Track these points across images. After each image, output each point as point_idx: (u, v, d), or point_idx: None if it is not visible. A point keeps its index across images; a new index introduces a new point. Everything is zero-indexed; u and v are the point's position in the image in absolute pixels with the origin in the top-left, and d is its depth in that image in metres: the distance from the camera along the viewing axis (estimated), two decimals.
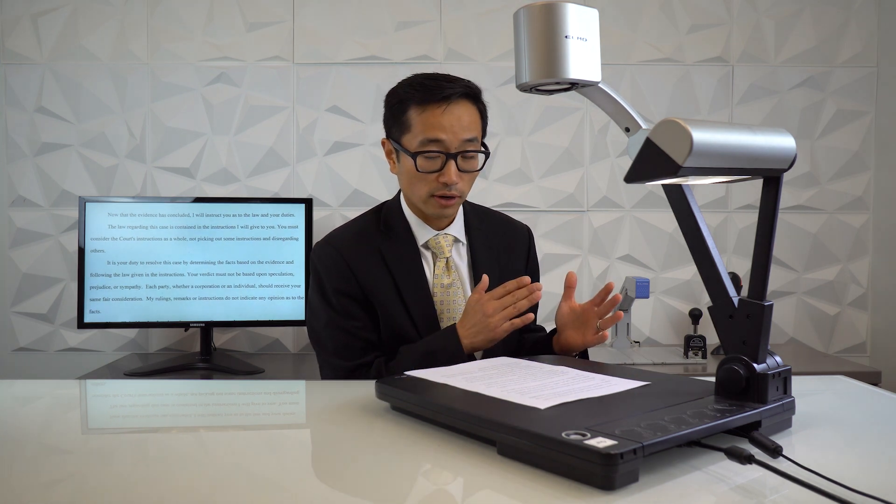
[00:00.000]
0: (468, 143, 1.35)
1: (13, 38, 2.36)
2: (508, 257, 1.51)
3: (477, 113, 1.39)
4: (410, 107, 1.36)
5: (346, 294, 1.39)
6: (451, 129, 1.33)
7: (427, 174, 1.35)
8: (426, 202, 1.39)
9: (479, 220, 1.52)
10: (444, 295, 1.42)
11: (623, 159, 2.42)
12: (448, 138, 1.33)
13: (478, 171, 1.40)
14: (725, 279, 0.84)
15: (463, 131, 1.34)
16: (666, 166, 0.73)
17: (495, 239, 1.51)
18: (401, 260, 1.42)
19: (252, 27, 2.37)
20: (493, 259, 1.48)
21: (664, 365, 2.11)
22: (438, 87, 1.34)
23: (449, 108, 1.34)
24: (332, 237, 1.47)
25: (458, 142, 1.34)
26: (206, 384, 1.46)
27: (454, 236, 1.46)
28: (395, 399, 0.92)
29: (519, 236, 1.56)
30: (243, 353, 2.37)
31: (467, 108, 1.36)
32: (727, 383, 0.83)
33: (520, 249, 1.55)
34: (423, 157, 1.34)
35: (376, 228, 1.46)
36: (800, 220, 2.45)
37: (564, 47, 0.82)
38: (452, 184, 1.34)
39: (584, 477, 0.66)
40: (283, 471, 0.74)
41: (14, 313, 2.38)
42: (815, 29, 2.42)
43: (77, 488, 0.70)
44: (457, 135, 1.34)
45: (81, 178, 2.37)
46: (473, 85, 1.40)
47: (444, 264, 1.43)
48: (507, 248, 1.52)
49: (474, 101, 1.38)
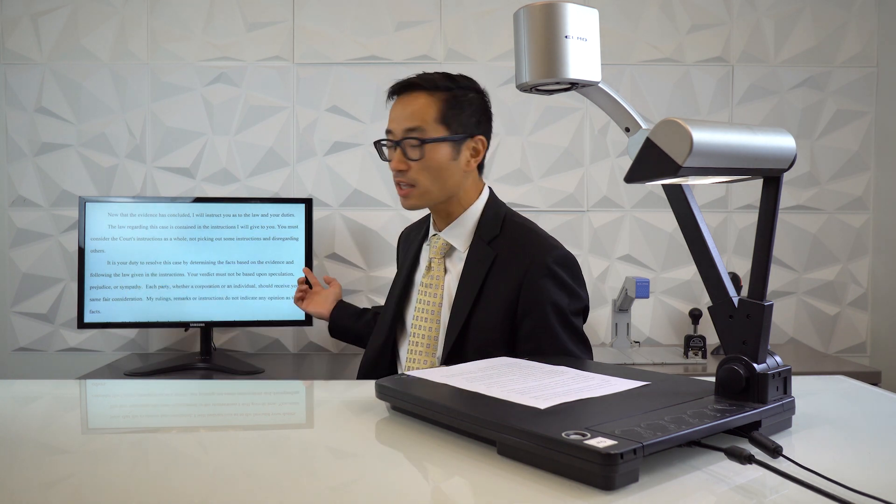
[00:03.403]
0: (409, 131, 1.39)
1: (13, 38, 2.36)
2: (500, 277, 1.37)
3: (432, 103, 1.40)
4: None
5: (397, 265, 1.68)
6: (396, 120, 1.42)
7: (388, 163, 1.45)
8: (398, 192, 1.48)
9: (489, 230, 1.42)
10: (422, 294, 1.47)
11: (623, 159, 2.42)
12: (394, 128, 1.42)
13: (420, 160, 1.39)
14: (725, 279, 0.84)
15: (405, 120, 1.40)
16: (666, 166, 0.73)
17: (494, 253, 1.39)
18: (409, 250, 1.58)
19: (252, 27, 2.37)
20: (478, 274, 1.38)
21: (664, 365, 2.11)
22: (399, 82, 1.44)
23: (399, 98, 1.43)
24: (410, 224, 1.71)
25: (401, 130, 1.40)
26: (206, 384, 1.46)
27: (448, 242, 1.45)
28: (395, 399, 0.92)
29: (522, 257, 1.36)
30: (243, 353, 2.37)
31: (417, 98, 1.41)
32: (727, 383, 0.83)
33: (515, 271, 1.35)
34: (379, 147, 1.46)
35: (427, 220, 1.59)
36: (800, 220, 2.45)
37: (564, 47, 0.82)
38: (396, 170, 1.41)
39: (584, 477, 0.66)
40: (283, 471, 0.74)
41: (14, 313, 2.38)
42: (815, 29, 2.42)
43: (77, 488, 0.70)
44: (399, 124, 1.41)
45: (81, 178, 2.37)
46: (436, 76, 1.42)
47: (428, 265, 1.48)
48: (503, 267, 1.37)
49: (429, 92, 1.41)
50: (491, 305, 1.36)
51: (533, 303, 1.33)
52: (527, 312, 1.34)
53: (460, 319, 1.38)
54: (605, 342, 2.43)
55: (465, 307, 1.38)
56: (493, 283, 1.37)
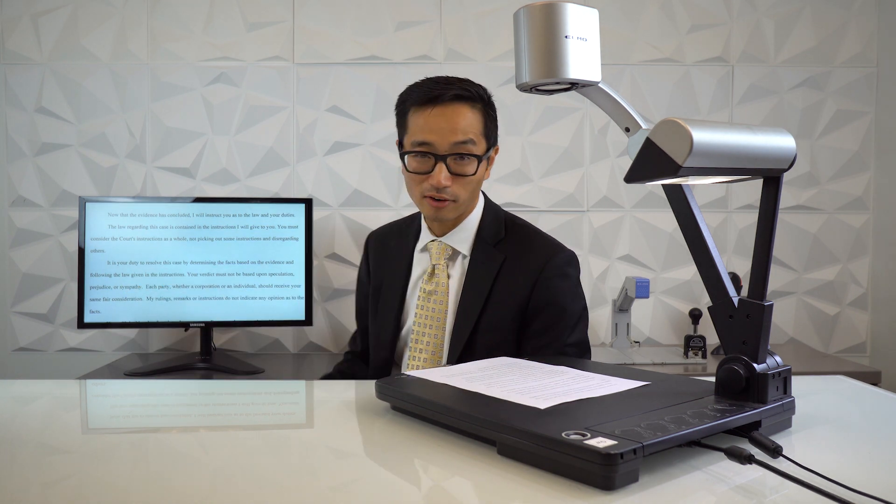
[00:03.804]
0: (460, 145, 1.34)
1: (13, 38, 2.36)
2: (511, 277, 1.40)
3: (476, 116, 1.36)
4: (409, 108, 1.38)
5: (361, 281, 1.62)
6: (439, 131, 1.33)
7: (418, 175, 1.36)
8: (421, 203, 1.41)
9: (493, 232, 1.44)
10: (425, 300, 1.43)
11: (623, 159, 2.42)
12: (436, 140, 1.33)
13: (473, 175, 1.37)
14: (725, 279, 0.84)
15: (453, 134, 1.33)
16: (666, 166, 0.73)
17: (502, 255, 1.41)
18: (396, 258, 1.50)
19: (252, 27, 2.37)
20: (486, 275, 1.40)
21: (664, 365, 2.11)
22: (432, 89, 1.35)
23: (438, 109, 1.34)
24: (377, 230, 1.65)
25: (448, 144, 1.33)
26: (206, 384, 1.46)
27: (452, 247, 1.44)
28: (395, 399, 0.92)
29: (533, 257, 1.41)
30: (243, 353, 2.37)
31: (460, 110, 1.34)
32: (727, 383, 0.83)
33: (528, 271, 1.40)
34: (412, 158, 1.37)
35: (406, 226, 1.54)
36: (800, 220, 2.45)
37: (564, 47, 0.82)
38: (440, 187, 1.34)
39: (584, 477, 0.66)
40: (283, 471, 0.74)
41: (14, 313, 2.38)
42: (815, 29, 2.42)
43: (77, 488, 0.70)
44: (446, 137, 1.33)
45: (81, 178, 2.37)
46: (473, 87, 1.37)
47: (431, 271, 1.44)
48: (513, 267, 1.41)
49: (472, 103, 1.36)
50: (502, 306, 1.39)
51: (546, 302, 1.39)
52: (539, 310, 1.39)
53: (470, 322, 1.38)
54: (605, 342, 2.43)
55: (475, 309, 1.39)
56: (504, 284, 1.40)
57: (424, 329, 1.43)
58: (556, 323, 1.39)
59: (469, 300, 1.40)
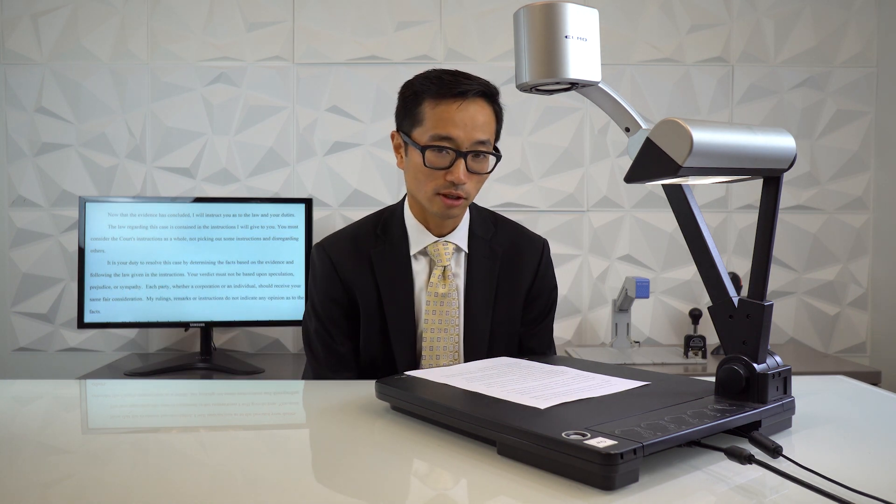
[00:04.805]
0: (480, 143, 1.31)
1: (13, 38, 2.36)
2: (513, 270, 1.44)
3: (492, 114, 1.35)
4: (425, 100, 1.32)
5: (333, 300, 1.39)
6: (463, 127, 1.29)
7: (435, 170, 1.31)
8: (431, 200, 1.34)
9: (485, 228, 1.45)
10: (437, 305, 1.37)
11: (623, 159, 2.42)
12: (460, 136, 1.29)
13: (487, 173, 1.36)
14: (725, 279, 0.84)
15: (476, 131, 1.30)
16: (666, 166, 0.73)
17: (499, 249, 1.44)
18: (388, 267, 1.39)
19: (252, 27, 2.37)
20: (491, 270, 1.41)
21: (664, 365, 2.11)
22: (455, 83, 1.30)
23: (464, 104, 1.30)
24: (327, 240, 1.45)
25: (470, 141, 1.30)
26: (206, 384, 1.46)
27: (455, 244, 1.41)
28: (395, 399, 0.92)
29: (529, 248, 1.47)
30: (243, 353, 2.37)
31: (482, 107, 1.32)
32: (727, 383, 0.83)
33: (528, 262, 1.45)
34: (432, 152, 1.31)
35: (372, 233, 1.43)
36: (800, 220, 2.45)
37: (564, 47, 0.82)
38: (460, 183, 1.30)
39: (584, 477, 0.66)
40: (283, 471, 0.74)
41: (14, 313, 2.38)
42: (815, 29, 2.42)
43: (77, 488, 0.70)
44: (469, 133, 1.30)
45: (81, 178, 2.37)
46: (492, 86, 1.35)
47: (441, 273, 1.38)
48: (512, 260, 1.44)
49: (490, 101, 1.34)
50: (513, 298, 1.43)
51: (542, 288, 1.48)
52: (537, 296, 1.47)
53: (486, 318, 1.39)
54: (605, 342, 2.43)
55: (487, 305, 1.39)
56: (508, 276, 1.44)
57: (438, 334, 1.39)
58: (550, 308, 1.51)
59: (480, 297, 1.40)
